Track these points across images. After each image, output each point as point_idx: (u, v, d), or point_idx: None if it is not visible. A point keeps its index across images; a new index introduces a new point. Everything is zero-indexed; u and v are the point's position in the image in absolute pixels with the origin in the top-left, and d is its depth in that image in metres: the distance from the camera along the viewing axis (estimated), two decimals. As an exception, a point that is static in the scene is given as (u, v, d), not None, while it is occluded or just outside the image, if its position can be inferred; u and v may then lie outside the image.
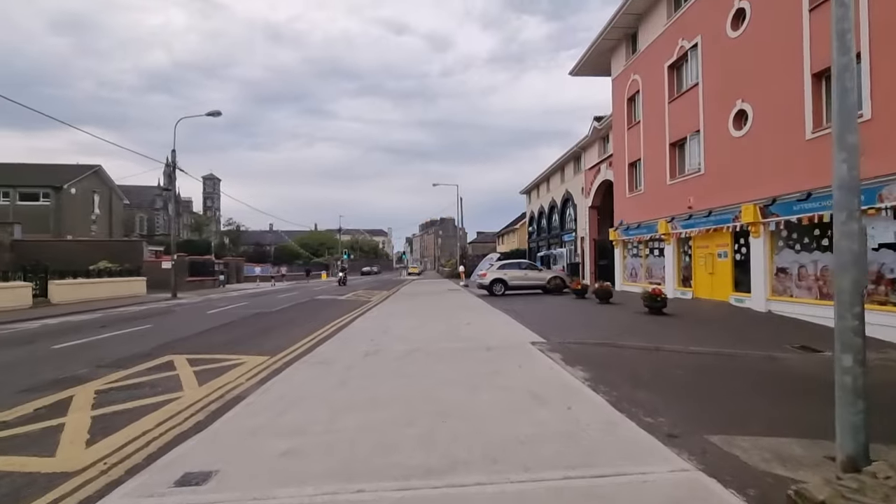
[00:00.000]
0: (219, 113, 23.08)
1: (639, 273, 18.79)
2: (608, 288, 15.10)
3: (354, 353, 7.76)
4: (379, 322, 11.84)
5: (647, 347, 7.95)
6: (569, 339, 8.48)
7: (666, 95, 16.11)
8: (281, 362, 7.25)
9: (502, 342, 8.37)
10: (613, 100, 20.70)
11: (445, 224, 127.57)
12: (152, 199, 72.69)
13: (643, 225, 17.59)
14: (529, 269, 20.72)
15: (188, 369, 6.80)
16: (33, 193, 43.70)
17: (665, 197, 16.21)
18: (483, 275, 20.47)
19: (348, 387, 5.63)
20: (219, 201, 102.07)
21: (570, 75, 23.43)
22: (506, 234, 62.81)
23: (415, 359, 7.15)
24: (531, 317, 11.90)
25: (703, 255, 14.35)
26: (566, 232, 33.69)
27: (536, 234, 43.23)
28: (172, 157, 23.34)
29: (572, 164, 31.37)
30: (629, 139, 19.11)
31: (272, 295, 24.19)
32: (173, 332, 10.93)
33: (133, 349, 8.55)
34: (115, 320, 13.40)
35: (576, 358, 6.92)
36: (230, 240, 72.90)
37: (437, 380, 5.81)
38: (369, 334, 9.74)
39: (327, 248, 78.15)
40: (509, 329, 10.03)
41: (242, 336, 10.12)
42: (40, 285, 18.19)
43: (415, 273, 69.25)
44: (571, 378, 5.72)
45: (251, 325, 12.17)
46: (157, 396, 5.46)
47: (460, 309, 14.44)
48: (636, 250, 18.97)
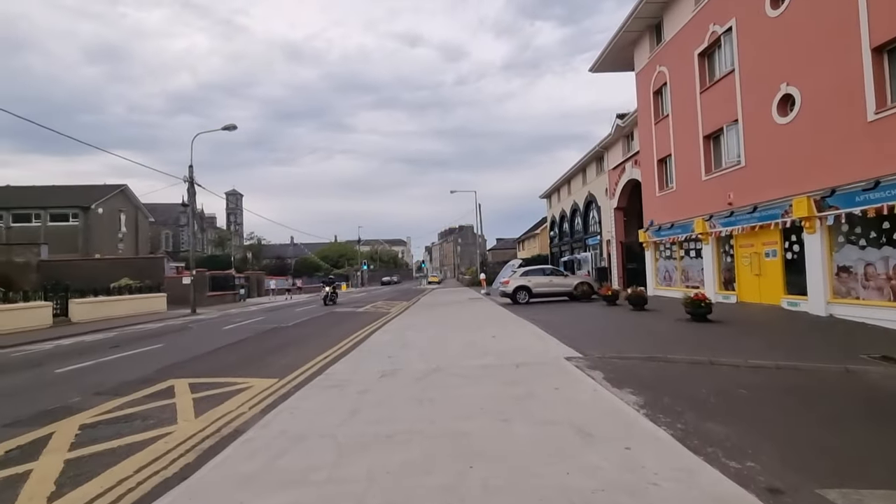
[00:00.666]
0: (234, 127, 22.99)
1: (674, 276, 17.61)
2: (642, 293, 14.04)
3: (370, 373, 7.04)
4: (398, 336, 11.12)
5: (700, 361, 6.98)
6: (608, 353, 7.57)
7: (697, 85, 15.07)
8: (290, 386, 6.58)
9: (533, 358, 7.52)
10: (638, 94, 19.69)
11: (464, 232, 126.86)
12: (177, 216, 74.21)
13: (677, 225, 16.46)
14: (554, 275, 19.74)
15: (188, 397, 6.18)
16: (63, 214, 44.95)
17: (700, 194, 15.09)
18: (506, 282, 19.59)
19: (360, 418, 4.89)
20: (241, 216, 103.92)
21: (590, 72, 22.54)
22: (526, 239, 61.65)
23: (436, 380, 6.37)
24: (561, 327, 10.98)
25: (748, 255, 13.18)
26: (590, 235, 32.50)
27: (558, 239, 42.04)
28: (190, 173, 23.33)
29: (594, 164, 30.28)
30: (657, 134, 18.05)
31: (290, 308, 23.80)
32: (184, 351, 10.43)
33: (137, 373, 8.03)
34: (129, 339, 13.06)
35: (621, 376, 6.02)
36: (252, 254, 73.72)
37: (462, 407, 5.02)
38: (387, 350, 9.02)
39: (347, 259, 78.32)
40: (539, 342, 9.16)
41: (253, 355, 9.53)
42: (61, 304, 18.16)
43: (435, 282, 68.63)
44: (621, 404, 4.84)
45: (265, 341, 11.61)
46: (147, 432, 4.83)
47: (484, 320, 13.61)
48: (669, 252, 17.81)
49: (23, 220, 45.25)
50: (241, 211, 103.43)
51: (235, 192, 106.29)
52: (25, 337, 13.85)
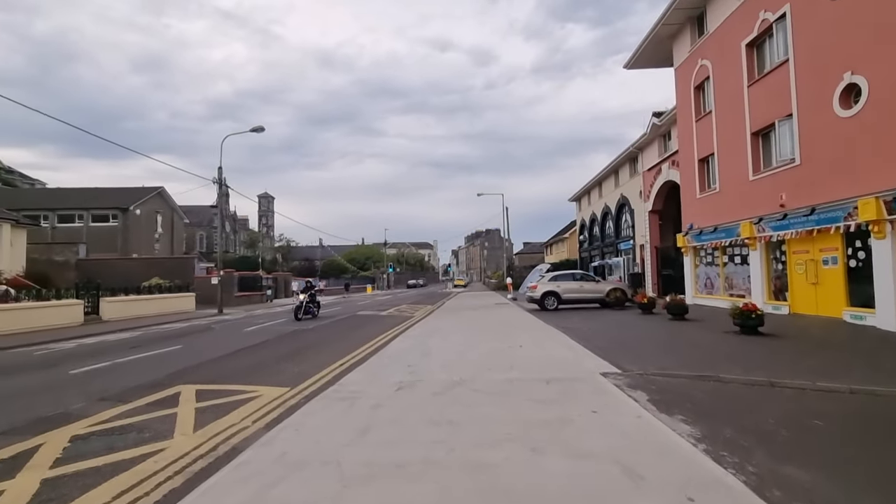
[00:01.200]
0: (262, 128, 23.10)
1: (716, 284, 16.42)
2: (682, 302, 13.03)
3: (386, 384, 6.50)
4: (420, 342, 10.57)
5: (760, 382, 6.11)
6: (650, 370, 6.78)
7: (744, 78, 13.97)
8: (300, 396, 6.11)
9: (565, 372, 6.82)
10: (677, 91, 18.59)
11: (491, 235, 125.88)
12: (210, 218, 76.38)
13: (720, 228, 15.31)
14: (585, 281, 18.82)
15: (191, 405, 5.79)
16: (103, 215, 46.68)
17: (747, 195, 13.95)
18: (533, 287, 18.80)
19: (370, 439, 4.34)
20: (273, 219, 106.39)
21: (625, 68, 21.54)
22: (554, 243, 60.26)
23: (457, 396, 5.76)
24: (594, 337, 10.18)
25: (803, 262, 12.01)
26: (622, 240, 31.21)
27: (588, 243, 40.73)
28: (219, 174, 23.59)
29: (628, 166, 29.06)
30: (698, 132, 16.93)
31: (314, 310, 23.64)
32: (201, 354, 10.19)
33: (148, 376, 7.76)
34: (151, 340, 13.02)
35: (669, 399, 5.27)
36: (282, 255, 75.06)
37: (485, 432, 4.39)
38: (407, 358, 8.48)
39: (374, 261, 78.73)
40: (570, 353, 8.42)
41: (269, 360, 9.16)
42: (92, 303, 18.50)
43: (461, 285, 68.06)
44: (673, 435, 4.11)
45: (283, 345, 11.28)
46: (140, 447, 4.42)
47: (510, 327, 12.91)
48: (711, 258, 16.63)
49: (67, 221, 47.22)
50: (273, 213, 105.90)
51: (267, 195, 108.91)
52: (54, 335, 14.03)
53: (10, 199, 47.46)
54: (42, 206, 47.16)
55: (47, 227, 45.41)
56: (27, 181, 63.08)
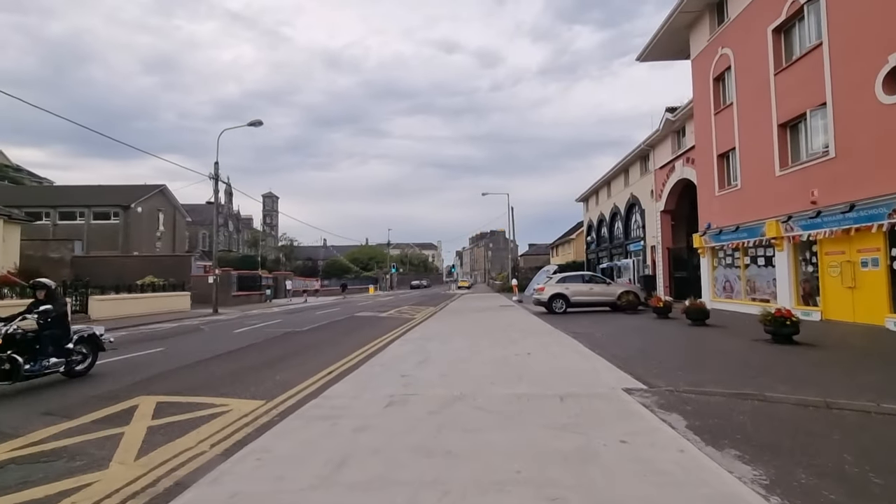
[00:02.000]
0: (260, 122, 22.37)
1: (735, 287, 15.42)
2: (703, 306, 12.05)
3: (375, 398, 5.63)
4: (419, 347, 9.70)
5: (813, 403, 5.18)
6: (680, 385, 5.87)
7: (771, 66, 13.00)
8: (275, 412, 5.26)
9: (581, 386, 5.91)
10: (694, 83, 17.62)
11: (496, 237, 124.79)
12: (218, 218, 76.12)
13: (742, 227, 14.32)
14: (595, 283, 17.86)
15: (144, 423, 4.95)
16: (105, 213, 46.21)
17: (773, 191, 12.97)
18: (540, 289, 17.88)
19: (344, 476, 3.46)
20: (277, 218, 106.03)
21: (637, 61, 20.59)
22: (560, 245, 59.20)
23: (456, 415, 4.88)
24: (609, 344, 9.26)
25: (837, 264, 11.02)
26: (632, 241, 30.19)
27: (596, 245, 39.70)
28: (215, 169, 22.86)
29: (638, 164, 28.05)
30: (718, 126, 15.95)
31: (311, 311, 22.83)
32: (179, 358, 9.38)
33: (110, 384, 6.93)
34: (133, 341, 12.23)
35: (711, 425, 4.35)
36: (284, 255, 74.48)
37: (489, 468, 3.50)
38: (402, 366, 7.61)
39: (377, 262, 78.00)
40: (585, 363, 7.52)
41: (251, 366, 8.32)
42: (81, 301, 17.79)
43: (465, 287, 67.06)
44: (731, 480, 3.20)
45: (270, 349, 10.44)
46: (62, 480, 3.58)
47: (516, 331, 12.01)
48: (731, 259, 15.63)
49: (68, 218, 46.78)
50: (277, 213, 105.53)
51: (272, 194, 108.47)
52: (35, 334, 13.27)
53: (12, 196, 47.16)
54: (44, 204, 46.80)
55: (48, 224, 44.99)
56: (35, 179, 62.93)
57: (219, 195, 33.20)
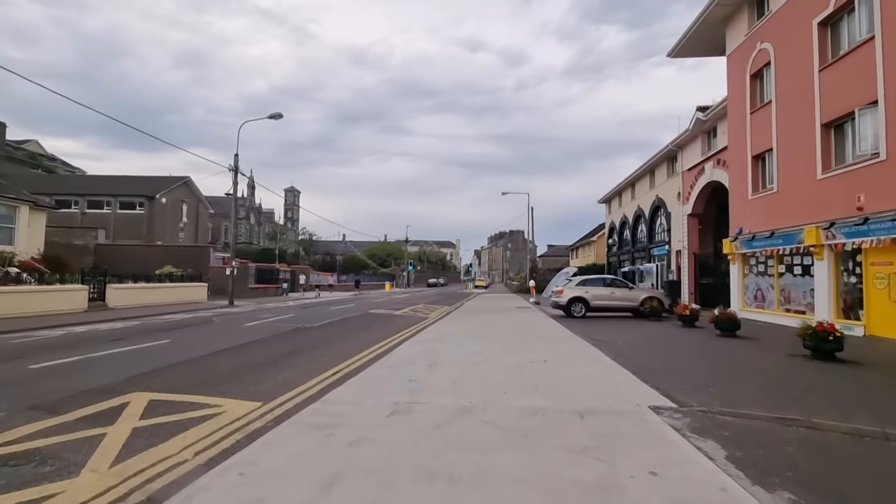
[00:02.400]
0: (280, 115, 22.28)
1: (768, 297, 14.53)
2: (733, 316, 11.30)
3: (378, 405, 5.23)
4: (429, 349, 9.28)
5: (870, 433, 4.56)
6: (714, 405, 5.29)
7: (815, 62, 12.12)
8: (269, 417, 4.91)
9: (603, 401, 5.39)
10: (729, 80, 16.72)
11: (514, 237, 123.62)
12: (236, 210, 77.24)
13: (778, 234, 13.45)
14: (616, 287, 17.16)
15: (130, 424, 4.65)
16: (130, 203, 47.25)
17: (814, 195, 12.11)
18: (559, 292, 17.27)
19: (330, 500, 3.06)
20: (298, 213, 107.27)
21: (668, 57, 19.72)
22: (580, 247, 58.03)
23: (463, 430, 4.43)
24: (633, 353, 8.67)
25: (885, 276, 10.16)
26: (656, 245, 29.19)
27: (617, 248, 38.64)
28: (235, 161, 22.89)
29: (665, 165, 27.05)
30: (754, 126, 15.06)
31: (325, 307, 22.66)
32: (184, 351, 9.17)
33: (106, 377, 6.71)
34: (143, 331, 12.14)
35: (755, 456, 3.80)
36: (303, 249, 75.13)
37: (496, 498, 3.05)
38: (411, 370, 7.21)
39: (394, 258, 78.02)
40: (607, 375, 6.97)
41: (255, 362, 8.04)
42: (98, 288, 17.96)
43: (482, 286, 66.51)
44: (788, 533, 2.67)
45: (278, 345, 10.17)
46: (24, 489, 3.26)
47: (533, 335, 11.48)
48: (764, 267, 14.74)
49: (96, 207, 47.95)
50: (298, 207, 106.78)
51: (293, 188, 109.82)
52: (50, 321, 13.37)
53: (44, 184, 48.65)
54: (73, 192, 48.12)
55: (77, 212, 46.24)
56: (68, 169, 64.73)
57: (241, 188, 33.42)
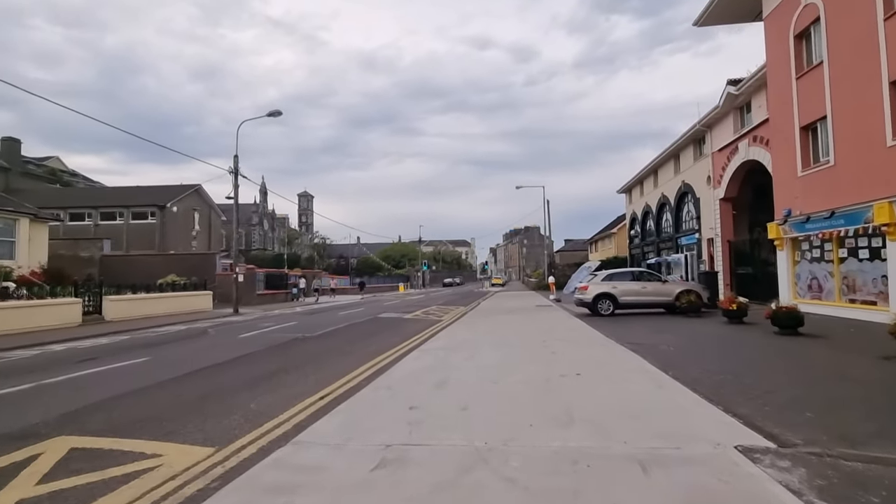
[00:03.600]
0: (279, 112, 21.24)
1: (825, 286, 12.75)
2: (795, 311, 9.63)
3: (363, 450, 3.89)
4: (439, 361, 7.93)
5: None
6: (827, 442, 3.79)
7: (879, 10, 10.36)
8: (215, 473, 3.61)
9: (669, 440, 3.93)
10: (768, 45, 14.92)
11: (530, 233, 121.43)
12: (249, 216, 76.97)
13: (839, 213, 11.67)
14: (647, 280, 15.53)
15: (23, 491, 3.39)
16: (142, 213, 47.21)
17: (883, 166, 10.35)
18: (584, 288, 15.72)
19: None
20: (312, 217, 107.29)
21: (694, 26, 17.96)
22: (599, 240, 55.91)
23: (475, 496, 3.05)
24: (683, 361, 7.16)
25: None
26: (683, 234, 27.29)
27: (640, 239, 36.67)
28: (235, 163, 21.91)
29: (691, 148, 25.15)
30: (801, 93, 13.27)
31: (333, 312, 21.48)
32: (157, 372, 7.99)
33: (37, 415, 5.51)
34: (125, 348, 11.07)
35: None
36: (317, 253, 74.62)
37: None
38: (414, 391, 5.87)
39: (409, 259, 76.96)
40: (660, 393, 5.50)
41: (229, 386, 6.79)
42: (94, 301, 17.10)
43: (498, 284, 64.95)
44: None
45: (265, 360, 8.94)
46: None
47: (558, 339, 10.01)
48: (820, 252, 12.96)
49: (109, 218, 48.12)
50: (312, 212, 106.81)
51: (307, 193, 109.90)
52: (33, 338, 12.43)
53: (59, 198, 48.94)
54: (87, 205, 48.38)
55: (90, 224, 46.39)
56: (89, 183, 65.30)
57: (253, 195, 32.35)
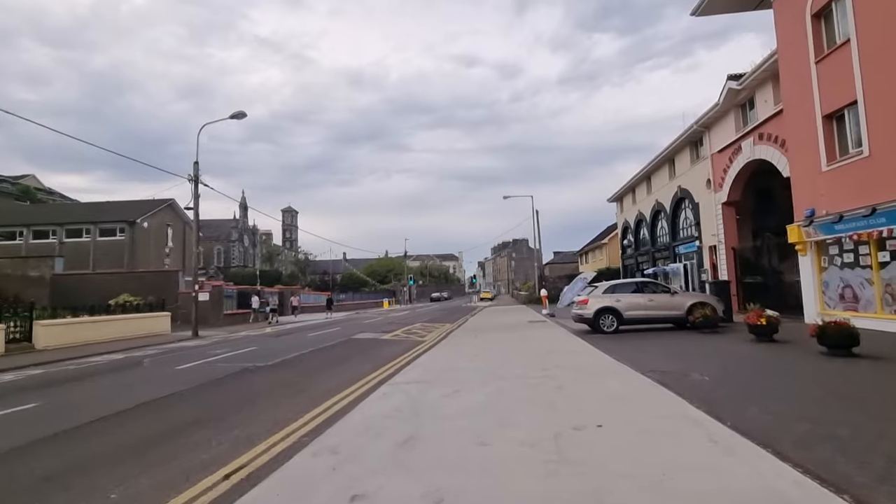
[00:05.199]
0: (243, 114, 19.37)
1: (861, 295, 11.11)
2: (848, 327, 7.89)
3: None
4: (409, 403, 6.00)
5: None
6: None
7: (921, -27, 8.96)
8: None
9: None
10: (779, 30, 13.55)
11: (518, 245, 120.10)
12: (228, 232, 74.41)
13: (880, 210, 10.08)
14: (654, 293, 13.79)
15: None
16: (111, 229, 44.57)
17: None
18: (583, 302, 13.92)
19: None
20: (297, 233, 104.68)
21: (692, 16, 16.64)
22: (590, 251, 54.53)
23: None
24: (734, 401, 5.32)
25: None
26: (681, 242, 25.81)
27: (634, 249, 35.23)
28: (195, 170, 19.89)
29: (688, 151, 23.82)
30: (823, 77, 11.83)
31: (302, 333, 19.33)
32: (25, 430, 5.92)
33: None
34: (24, 387, 8.90)
35: None
36: (299, 269, 72.07)
37: None
38: (364, 461, 3.93)
39: (395, 274, 74.76)
40: (729, 461, 3.62)
41: (98, 456, 4.77)
42: (22, 327, 14.79)
43: (487, 298, 62.97)
44: None
45: (183, 407, 6.89)
46: None
47: (561, 366, 8.12)
48: (853, 256, 11.36)
49: (75, 236, 45.42)
50: (297, 228, 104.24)
51: (291, 209, 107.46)
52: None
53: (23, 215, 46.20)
54: (52, 222, 45.70)
55: (55, 242, 43.65)
56: (66, 201, 62.20)
57: (233, 210, 30.25)
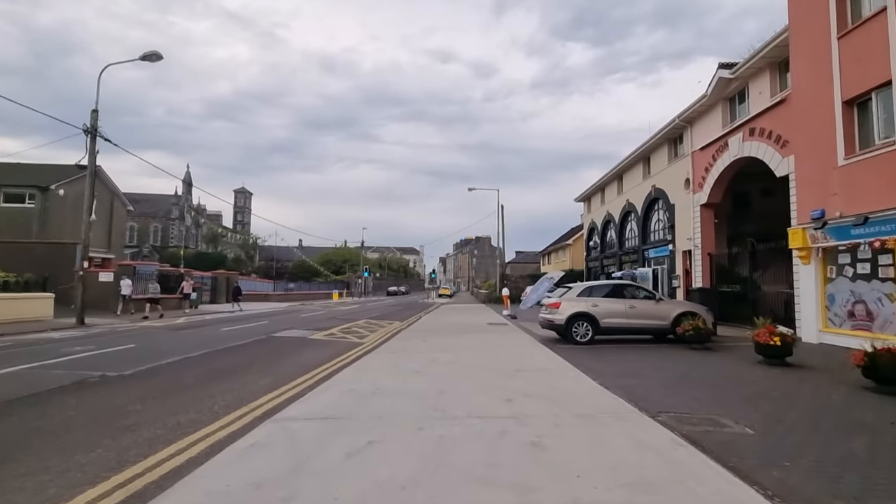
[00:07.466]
0: (159, 56, 15.89)
1: (879, 312, 9.44)
2: (905, 354, 5.98)
3: None
4: (290, 473, 3.39)
5: None
6: None
7: None
8: None
9: None
10: (791, 4, 11.82)
11: (481, 243, 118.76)
12: (168, 209, 68.02)
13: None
14: (635, 298, 11.78)
15: None
16: (18, 195, 38.53)
17: None
18: (554, 305, 11.71)
19: None
20: (250, 216, 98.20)
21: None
22: (553, 251, 53.33)
23: None
24: (770, 461, 3.08)
25: None
26: (653, 245, 24.39)
27: (599, 251, 33.90)
28: (92, 119, 16.22)
29: (666, 148, 22.31)
30: (845, 55, 10.09)
31: (215, 327, 16.10)
32: None
33: None
34: None
35: None
36: (245, 253, 67.02)
37: None
38: None
39: (350, 265, 71.05)
40: None
41: None
42: None
43: (446, 295, 60.61)
44: None
45: None
46: None
47: (534, 398, 5.73)
48: (868, 266, 9.70)
49: (-32, 199, 38.92)
50: (250, 211, 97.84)
51: (245, 190, 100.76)
52: None
53: None
54: (-55, 183, 39.08)
55: (-54, 206, 37.36)
56: None
57: (176, 185, 25.53)
